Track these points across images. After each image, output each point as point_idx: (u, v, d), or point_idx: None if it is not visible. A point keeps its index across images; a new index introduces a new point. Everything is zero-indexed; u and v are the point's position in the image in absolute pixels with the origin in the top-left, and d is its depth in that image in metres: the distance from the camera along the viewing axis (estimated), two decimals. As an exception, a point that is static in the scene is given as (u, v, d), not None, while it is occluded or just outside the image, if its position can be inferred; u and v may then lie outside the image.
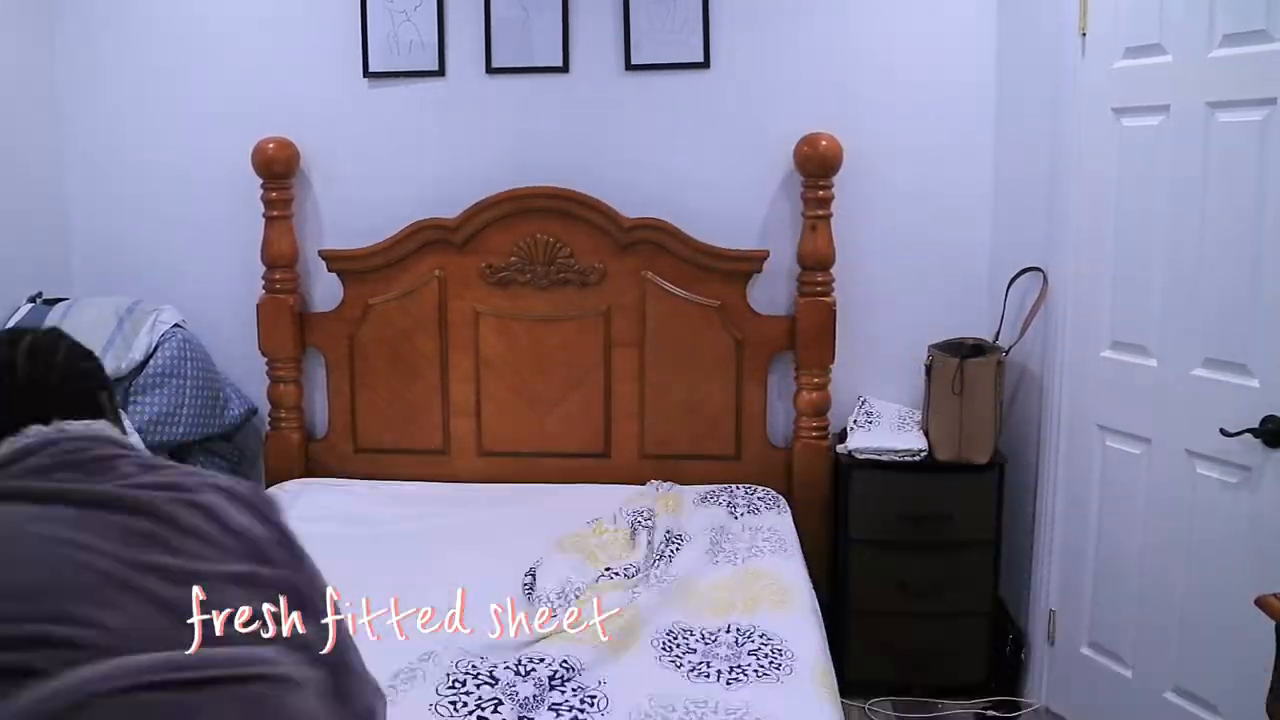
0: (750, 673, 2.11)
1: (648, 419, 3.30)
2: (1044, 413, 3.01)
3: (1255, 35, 2.29)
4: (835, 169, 3.12)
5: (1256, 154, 2.30)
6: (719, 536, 2.81)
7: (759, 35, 3.24)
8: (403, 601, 2.25)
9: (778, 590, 2.50)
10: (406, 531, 2.87)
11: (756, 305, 3.27)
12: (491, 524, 2.93)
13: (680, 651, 2.21)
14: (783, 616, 2.37)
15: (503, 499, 3.11)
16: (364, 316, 3.32)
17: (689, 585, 2.53)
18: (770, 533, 2.84)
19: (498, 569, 2.58)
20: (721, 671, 2.12)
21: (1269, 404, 2.30)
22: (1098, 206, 2.77)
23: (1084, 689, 2.91)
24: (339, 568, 1.52)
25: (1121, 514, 2.74)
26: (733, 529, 2.87)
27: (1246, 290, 2.35)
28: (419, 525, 2.92)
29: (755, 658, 2.17)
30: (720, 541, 2.78)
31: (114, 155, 3.47)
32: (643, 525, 2.84)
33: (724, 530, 2.85)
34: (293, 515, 1.36)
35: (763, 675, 2.11)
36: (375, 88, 3.35)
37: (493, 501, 3.09)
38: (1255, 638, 2.16)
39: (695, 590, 2.51)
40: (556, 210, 3.23)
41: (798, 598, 2.49)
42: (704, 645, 2.24)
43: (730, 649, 2.21)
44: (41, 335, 1.37)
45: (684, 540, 2.77)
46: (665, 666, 2.15)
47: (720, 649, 2.22)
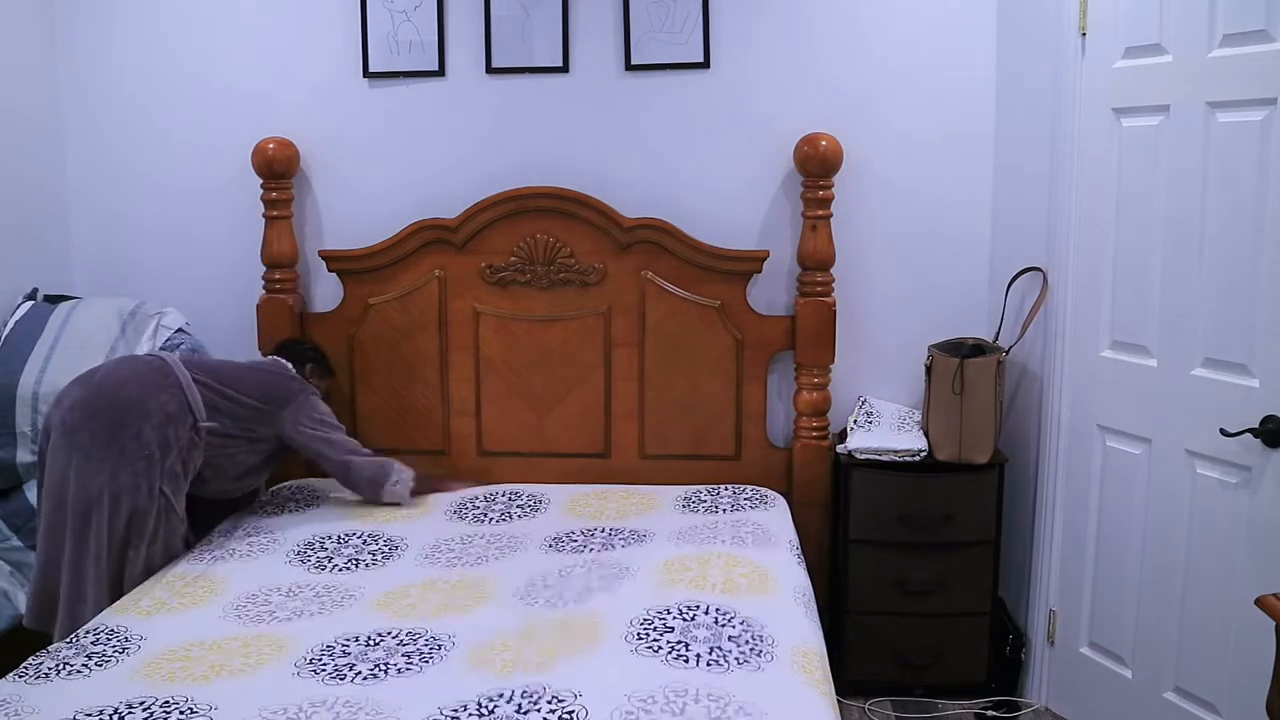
0: (731, 659, 2.05)
1: (648, 419, 3.30)
2: (1044, 413, 3.01)
3: (1255, 35, 2.29)
4: (835, 169, 3.12)
5: (1256, 154, 2.30)
6: (692, 531, 2.78)
7: (759, 35, 3.24)
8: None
9: (758, 576, 2.46)
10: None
11: (756, 305, 3.27)
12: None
13: (658, 632, 2.14)
14: (762, 602, 2.32)
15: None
16: (364, 316, 3.32)
17: (641, 561, 2.49)
18: (754, 526, 2.82)
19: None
20: (701, 655, 2.06)
21: (1269, 404, 2.30)
22: (1098, 207, 2.78)
23: (1084, 689, 2.91)
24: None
25: (1121, 514, 2.74)
26: (711, 525, 2.84)
27: (1246, 290, 2.35)
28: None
29: (736, 644, 2.11)
30: (691, 535, 2.74)
31: (114, 155, 3.47)
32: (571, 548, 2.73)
33: (700, 527, 2.82)
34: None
35: (743, 662, 2.05)
36: (375, 88, 3.35)
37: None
38: (1255, 638, 2.17)
39: (650, 564, 2.47)
40: (556, 210, 3.23)
41: (780, 585, 2.44)
42: (682, 624, 2.18)
43: (710, 630, 2.16)
44: None
45: (647, 538, 2.74)
46: (642, 655, 2.07)
47: (699, 630, 2.16)
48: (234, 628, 2.29)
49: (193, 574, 2.57)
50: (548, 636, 2.17)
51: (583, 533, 2.82)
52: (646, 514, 2.98)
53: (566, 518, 2.96)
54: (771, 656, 2.08)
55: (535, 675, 2.00)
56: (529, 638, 2.18)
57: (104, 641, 2.20)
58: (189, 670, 2.06)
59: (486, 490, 3.18)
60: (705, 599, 2.29)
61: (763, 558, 2.60)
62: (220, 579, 2.54)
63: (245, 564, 2.64)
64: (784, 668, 2.05)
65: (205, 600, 2.42)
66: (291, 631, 2.25)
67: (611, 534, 2.79)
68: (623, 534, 2.79)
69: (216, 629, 2.27)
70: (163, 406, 2.64)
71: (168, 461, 2.64)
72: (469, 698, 1.93)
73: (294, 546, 2.74)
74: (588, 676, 1.99)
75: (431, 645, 2.17)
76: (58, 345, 3.11)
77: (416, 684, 2.01)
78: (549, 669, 2.03)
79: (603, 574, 2.48)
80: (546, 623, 2.24)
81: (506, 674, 2.02)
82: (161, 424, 2.63)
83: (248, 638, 2.23)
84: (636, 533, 2.80)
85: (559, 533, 2.83)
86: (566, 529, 2.85)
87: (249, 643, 2.20)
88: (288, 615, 2.35)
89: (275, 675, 2.05)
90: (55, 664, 2.09)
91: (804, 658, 2.11)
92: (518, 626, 2.24)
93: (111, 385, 2.67)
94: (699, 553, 2.59)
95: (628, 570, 2.49)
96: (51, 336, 3.13)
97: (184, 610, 2.37)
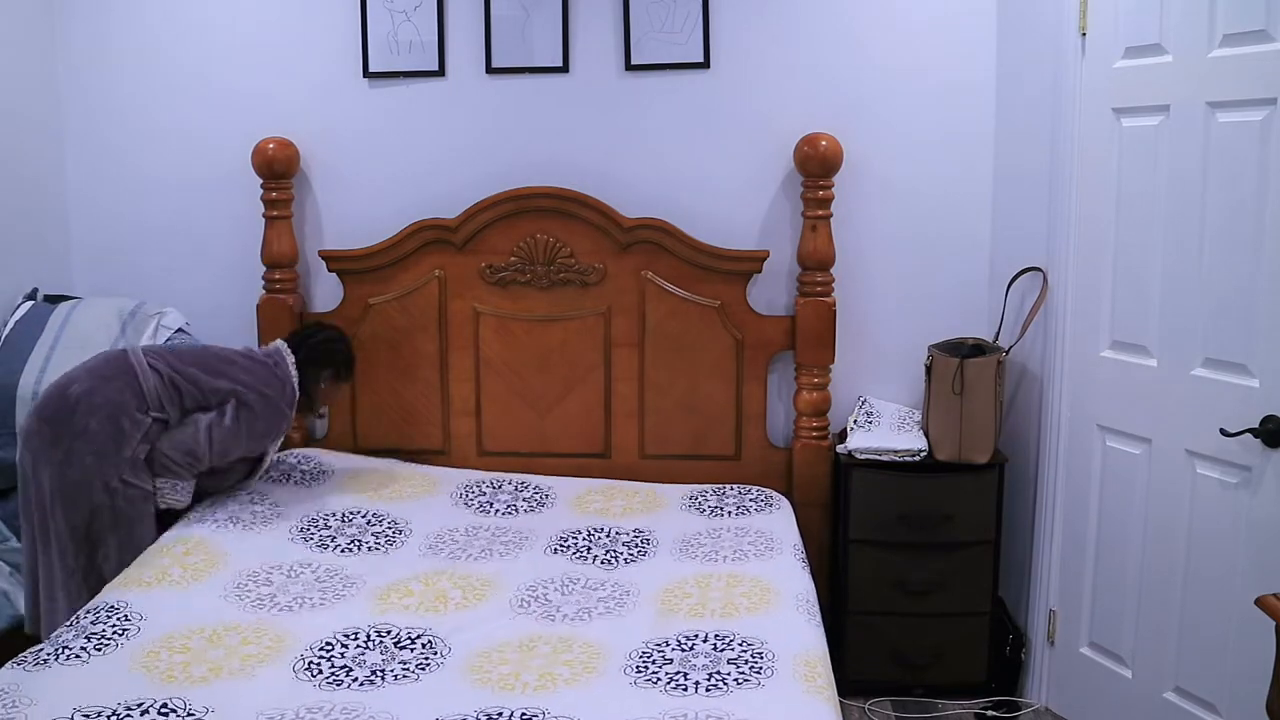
0: (730, 681, 2.04)
1: (648, 419, 3.30)
2: (1044, 413, 3.01)
3: (1255, 35, 2.29)
4: (835, 169, 3.12)
5: (1256, 154, 2.30)
6: (695, 541, 2.76)
7: (759, 35, 3.24)
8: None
9: (759, 592, 2.44)
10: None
11: (756, 305, 3.27)
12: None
13: (657, 665, 2.12)
14: (761, 619, 2.31)
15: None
16: (364, 316, 3.32)
17: (642, 584, 2.49)
18: (757, 534, 2.80)
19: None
20: (700, 682, 2.04)
21: (1269, 404, 2.30)
22: (1098, 207, 2.78)
23: (1084, 689, 2.91)
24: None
25: (1121, 514, 2.74)
26: (714, 532, 2.82)
27: (1246, 290, 2.35)
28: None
29: (735, 665, 2.09)
30: (694, 547, 2.73)
31: (114, 155, 3.47)
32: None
33: (703, 534, 2.81)
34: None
35: (743, 682, 2.03)
36: (375, 88, 3.35)
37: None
38: (1255, 638, 2.17)
39: (651, 588, 2.47)
40: (556, 210, 3.23)
41: (781, 597, 2.42)
42: (681, 654, 2.16)
43: (708, 657, 2.13)
44: None
45: (650, 545, 2.74)
46: (641, 686, 2.04)
47: (698, 658, 2.14)
48: (234, 613, 2.30)
49: (195, 538, 2.59)
50: (547, 656, 2.16)
51: (588, 533, 2.81)
52: (652, 513, 2.97)
53: (573, 514, 2.95)
54: (772, 671, 2.07)
55: (534, 697, 1.99)
56: (528, 652, 2.17)
57: (103, 620, 2.21)
58: (188, 671, 2.06)
59: (494, 477, 3.18)
60: (704, 626, 2.27)
61: (764, 570, 2.58)
62: (223, 552, 2.55)
63: (248, 535, 2.66)
64: (784, 680, 2.05)
65: (206, 576, 2.44)
66: (291, 625, 2.26)
67: (615, 538, 2.79)
68: (626, 537, 2.79)
69: (216, 614, 2.29)
70: (111, 398, 2.61)
71: (126, 451, 2.60)
72: (467, 711, 1.93)
73: (297, 522, 2.76)
74: (588, 706, 1.96)
75: (429, 650, 2.17)
76: (58, 345, 3.11)
77: (413, 692, 2.01)
78: (548, 692, 2.01)
79: (603, 595, 2.46)
80: (546, 640, 2.23)
81: (506, 691, 2.02)
82: (112, 415, 2.60)
83: (246, 628, 2.24)
84: (641, 536, 2.79)
85: (565, 531, 2.82)
86: (573, 528, 2.85)
87: (248, 637, 2.20)
88: (288, 602, 2.36)
89: (273, 678, 2.05)
90: (55, 649, 2.09)
91: (805, 665, 2.11)
92: (517, 639, 2.23)
93: (61, 384, 2.65)
94: (700, 573, 2.56)
95: (628, 594, 2.47)
96: (51, 336, 3.13)
97: (185, 587, 2.39)
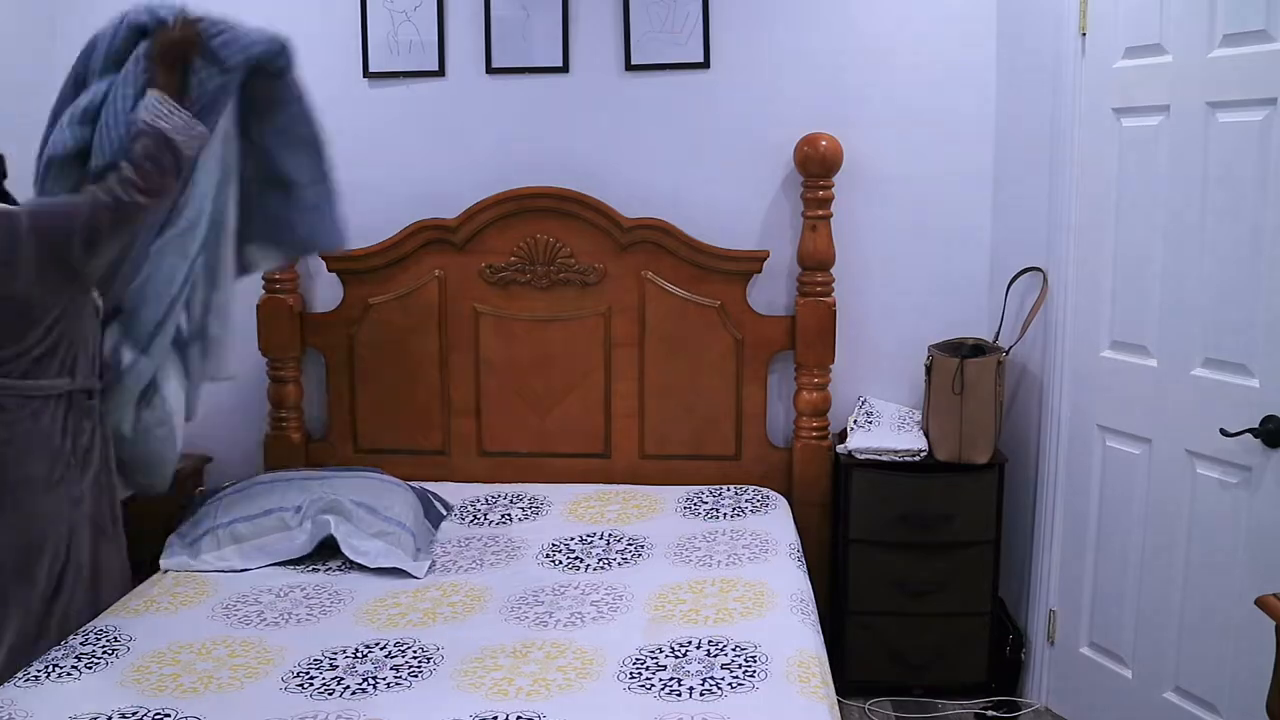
0: (724, 685, 2.03)
1: (648, 419, 3.30)
2: (1044, 413, 3.01)
3: (1255, 35, 2.29)
4: (835, 169, 3.12)
5: (1256, 154, 2.30)
6: (690, 545, 2.76)
7: (759, 36, 3.24)
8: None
9: (753, 595, 2.43)
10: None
11: (756, 305, 3.27)
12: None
13: (650, 671, 2.11)
14: (756, 622, 2.30)
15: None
16: (364, 316, 3.32)
17: (636, 588, 2.49)
18: (753, 537, 2.80)
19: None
20: (694, 687, 2.03)
21: (1269, 404, 2.30)
22: (1098, 207, 2.78)
23: (1084, 689, 2.91)
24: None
25: (1121, 514, 2.75)
26: (709, 536, 2.82)
27: (1246, 290, 2.35)
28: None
29: (729, 670, 2.09)
30: (689, 551, 2.72)
31: (114, 155, 3.47)
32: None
33: (698, 538, 2.80)
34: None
35: (737, 685, 2.03)
36: (375, 88, 3.35)
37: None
38: (1255, 638, 2.17)
39: (644, 594, 2.46)
40: (556, 210, 3.23)
41: (776, 599, 2.41)
42: (675, 660, 2.14)
43: (702, 663, 2.12)
44: None
45: (645, 550, 2.74)
46: (634, 692, 2.03)
47: (691, 664, 2.12)
48: (223, 629, 2.30)
49: (182, 576, 2.60)
50: (539, 662, 2.15)
51: (581, 539, 2.81)
52: (647, 517, 2.97)
53: (566, 522, 2.95)
54: (766, 674, 2.07)
55: (528, 703, 1.98)
56: (520, 658, 2.16)
57: (93, 642, 2.22)
58: (178, 682, 2.07)
59: (489, 491, 3.18)
60: (698, 633, 2.26)
61: (759, 573, 2.57)
62: (212, 583, 2.56)
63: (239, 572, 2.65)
64: (779, 681, 2.04)
65: (195, 602, 2.45)
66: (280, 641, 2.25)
67: (609, 543, 2.78)
68: (620, 543, 2.78)
69: (205, 631, 2.29)
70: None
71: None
72: (460, 716, 1.92)
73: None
74: (581, 713, 1.95)
75: (420, 657, 2.17)
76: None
77: (405, 699, 2.01)
78: (542, 698, 2.01)
79: (595, 600, 2.45)
80: (538, 646, 2.22)
81: (500, 696, 2.01)
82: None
83: (234, 642, 2.24)
84: (635, 543, 2.78)
85: (557, 540, 2.82)
86: (565, 535, 2.84)
87: (236, 650, 2.21)
88: (276, 618, 2.36)
89: (263, 688, 2.05)
90: (44, 667, 2.09)
91: (800, 667, 2.10)
92: (509, 645, 2.23)
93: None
94: (693, 579, 2.55)
95: (621, 599, 2.45)
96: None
97: (174, 612, 2.40)
